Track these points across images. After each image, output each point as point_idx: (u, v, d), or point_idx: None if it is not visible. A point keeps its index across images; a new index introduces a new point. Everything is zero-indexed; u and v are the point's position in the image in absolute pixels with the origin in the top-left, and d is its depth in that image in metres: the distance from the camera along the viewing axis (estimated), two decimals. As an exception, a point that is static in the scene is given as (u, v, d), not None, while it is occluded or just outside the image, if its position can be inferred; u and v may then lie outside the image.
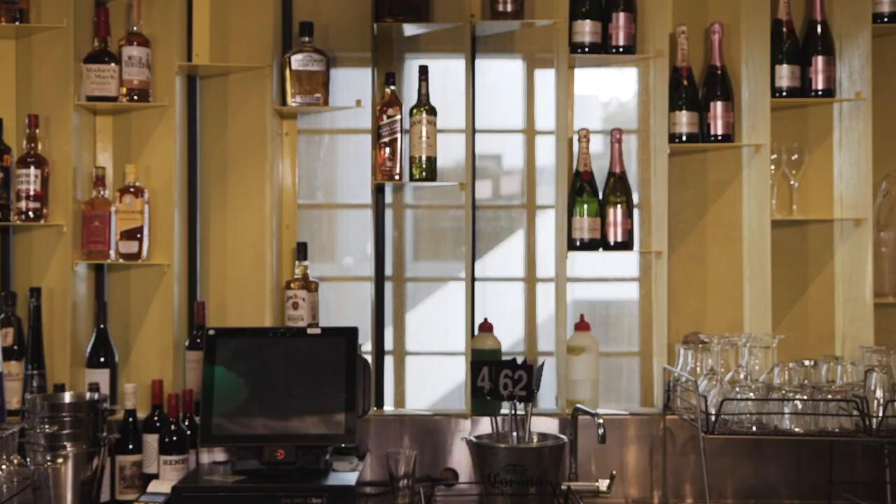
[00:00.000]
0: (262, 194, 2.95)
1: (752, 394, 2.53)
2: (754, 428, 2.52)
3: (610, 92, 3.13)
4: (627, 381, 3.15)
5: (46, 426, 2.50)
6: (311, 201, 3.11)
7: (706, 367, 2.69)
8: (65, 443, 2.50)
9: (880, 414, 2.47)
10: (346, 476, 2.60)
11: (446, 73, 3.08)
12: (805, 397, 2.50)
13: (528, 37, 3.09)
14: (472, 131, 3.01)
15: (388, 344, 3.10)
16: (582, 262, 3.10)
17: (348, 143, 3.14)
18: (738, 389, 2.55)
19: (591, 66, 3.04)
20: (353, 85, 3.03)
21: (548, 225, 3.09)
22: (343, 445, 2.69)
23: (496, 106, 3.14)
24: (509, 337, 3.13)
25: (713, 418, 2.49)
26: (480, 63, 3.10)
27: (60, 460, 2.49)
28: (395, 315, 3.12)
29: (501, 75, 3.16)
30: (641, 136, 3.08)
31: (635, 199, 3.05)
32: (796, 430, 2.50)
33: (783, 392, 2.53)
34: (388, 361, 3.09)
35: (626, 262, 3.10)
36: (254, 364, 2.68)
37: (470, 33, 2.96)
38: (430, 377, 3.18)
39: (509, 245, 3.20)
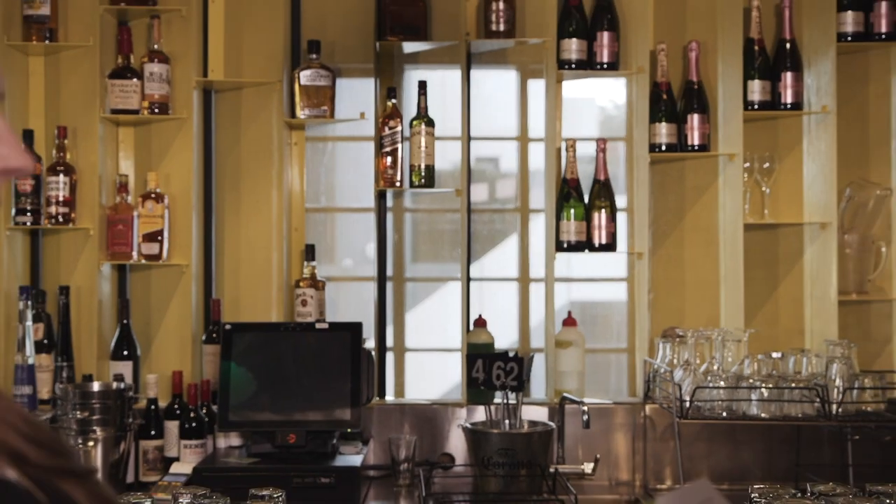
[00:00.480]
0: (272, 199, 3.18)
1: (722, 382, 2.76)
2: (724, 413, 2.76)
3: (604, 98, 3.36)
4: (616, 374, 3.37)
5: (78, 412, 2.72)
6: (317, 205, 3.34)
7: (682, 359, 2.92)
8: (94, 427, 2.73)
9: (839, 400, 2.70)
10: (351, 458, 2.83)
11: (444, 82, 3.29)
12: (771, 385, 2.73)
13: (520, 52, 3.30)
14: (467, 138, 3.22)
15: (389, 341, 3.33)
16: (577, 264, 3.32)
17: (352, 151, 3.37)
18: (710, 379, 2.78)
19: (579, 79, 3.28)
20: (358, 97, 3.24)
21: (540, 228, 3.31)
22: (349, 431, 2.91)
23: (491, 112, 3.34)
24: (504, 333, 3.33)
25: (687, 404, 2.72)
26: (476, 74, 3.32)
27: (91, 443, 2.72)
28: (396, 313, 3.34)
29: (496, 85, 3.37)
30: (628, 144, 3.31)
31: (623, 203, 3.27)
32: (763, 415, 2.73)
33: (751, 381, 2.76)
34: (389, 357, 3.32)
35: (614, 263, 3.33)
36: (266, 356, 2.91)
37: (465, 50, 3.18)
38: (427, 373, 3.40)
39: (504, 247, 3.43)
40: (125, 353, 3.05)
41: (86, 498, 0.84)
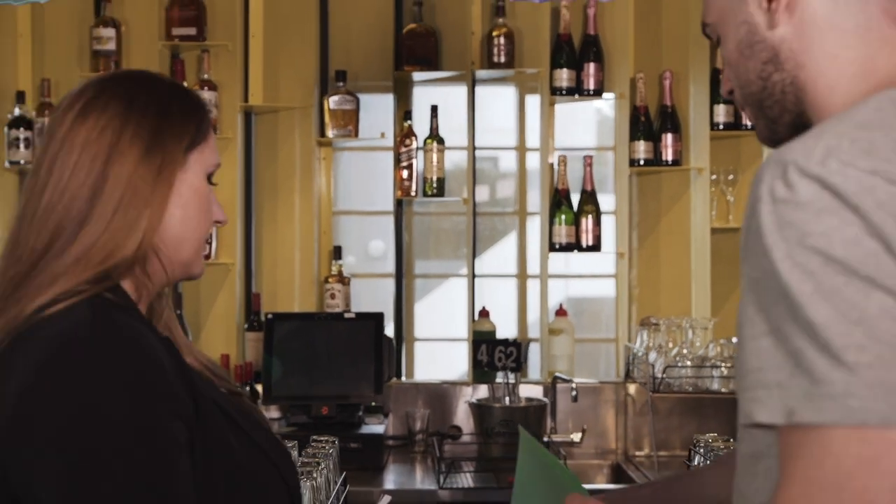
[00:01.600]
0: (304, 207, 3.68)
1: (689, 363, 3.27)
2: (691, 389, 3.26)
3: (595, 111, 3.86)
4: (605, 361, 3.87)
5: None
6: (342, 208, 3.83)
7: (656, 344, 3.42)
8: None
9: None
10: (375, 427, 3.33)
11: (455, 98, 3.71)
12: (731, 365, 3.23)
13: (518, 76, 3.80)
14: (472, 151, 3.71)
15: (404, 329, 3.83)
16: (572, 263, 3.82)
17: (373, 161, 3.86)
18: (679, 359, 3.29)
19: (569, 103, 3.77)
20: (378, 119, 3.72)
21: (536, 229, 3.79)
22: (372, 405, 3.41)
23: (493, 120, 3.83)
24: (505, 322, 3.82)
25: (658, 381, 3.23)
26: (481, 90, 3.81)
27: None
28: (406, 305, 3.84)
29: (498, 101, 3.87)
30: (615, 153, 3.78)
31: (613, 207, 3.77)
32: (723, 390, 3.23)
33: (714, 362, 3.26)
34: (404, 344, 3.82)
35: (603, 262, 3.81)
36: (302, 341, 3.41)
37: (471, 77, 3.69)
38: (438, 357, 3.88)
39: (504, 246, 3.93)
40: (180, 339, 3.55)
41: (246, 406, 1.35)
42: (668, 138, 3.61)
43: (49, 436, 1.06)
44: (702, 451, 2.14)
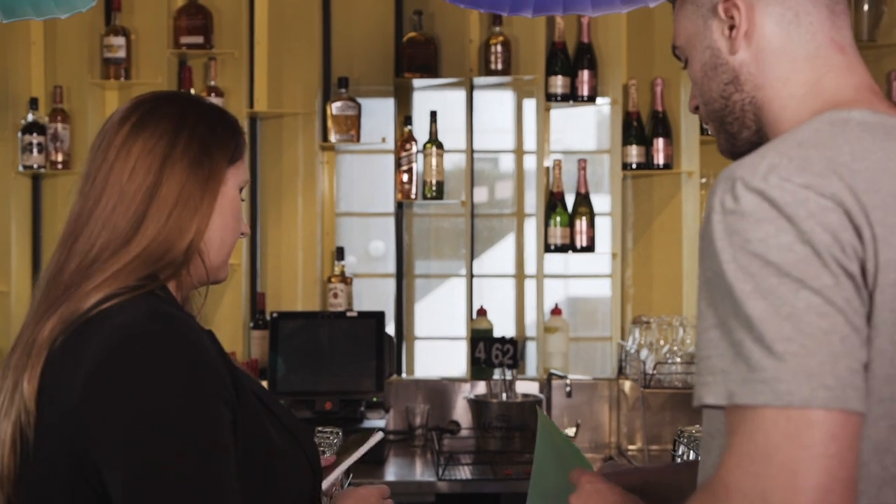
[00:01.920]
0: (308, 209, 3.80)
1: (679, 359, 3.39)
2: (680, 384, 3.38)
3: (594, 116, 3.97)
4: (601, 358, 3.99)
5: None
6: (344, 210, 3.95)
7: (648, 342, 3.55)
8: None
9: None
10: (377, 422, 3.45)
11: (454, 102, 3.83)
12: (719, 362, 3.35)
13: (515, 81, 3.92)
14: (470, 151, 3.83)
15: (404, 328, 3.95)
16: (571, 264, 3.95)
17: (372, 164, 3.98)
18: (669, 356, 3.41)
19: (563, 109, 3.89)
20: (379, 124, 3.86)
21: (533, 230, 3.90)
22: (374, 400, 3.54)
23: (492, 123, 3.94)
24: (503, 321, 3.93)
25: (649, 377, 3.35)
26: (480, 94, 3.93)
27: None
28: (407, 305, 3.96)
29: (496, 104, 3.98)
30: (611, 156, 3.90)
31: (608, 208, 3.88)
32: (711, 386, 3.35)
33: (703, 358, 3.38)
34: (405, 342, 3.94)
35: (602, 263, 3.93)
36: (306, 339, 3.53)
37: (469, 84, 3.81)
38: (433, 359, 3.99)
39: (502, 246, 4.04)
40: (187, 337, 3.67)
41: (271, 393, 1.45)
42: (660, 143, 3.73)
43: (115, 419, 1.18)
44: (685, 441, 2.26)
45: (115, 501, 1.18)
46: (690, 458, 2.22)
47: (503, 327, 3.87)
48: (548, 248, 3.74)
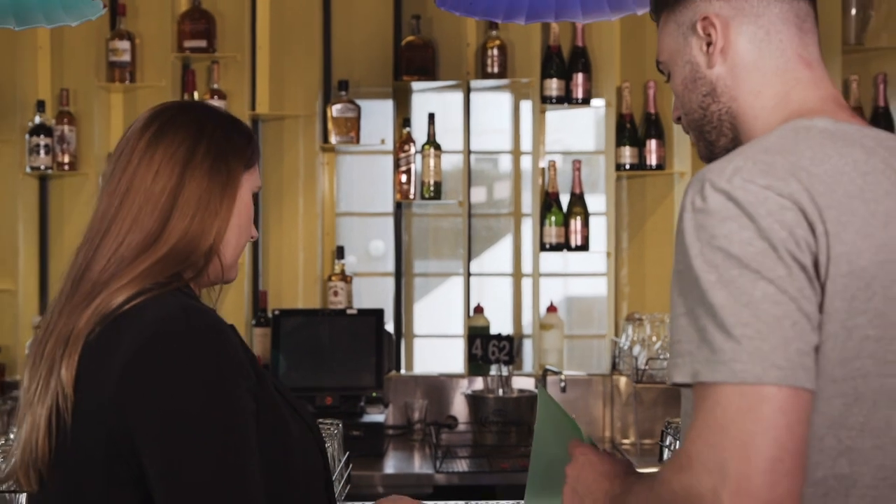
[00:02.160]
0: (309, 209, 3.89)
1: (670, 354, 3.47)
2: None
3: (589, 118, 4.06)
4: (598, 355, 4.07)
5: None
6: (344, 210, 4.04)
7: (640, 338, 3.64)
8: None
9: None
10: (376, 416, 3.54)
11: (453, 104, 3.91)
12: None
13: (512, 84, 4.01)
14: (467, 152, 3.91)
15: (403, 325, 4.04)
16: (569, 262, 4.03)
17: (372, 165, 4.07)
18: (661, 352, 3.50)
19: (558, 111, 3.98)
20: (378, 125, 3.95)
21: (529, 230, 3.99)
22: (373, 395, 3.62)
23: (490, 123, 4.02)
24: (500, 318, 4.02)
25: (641, 373, 3.44)
26: (478, 95, 4.01)
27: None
28: (406, 303, 4.05)
29: (494, 105, 4.06)
30: (606, 157, 3.99)
31: (604, 208, 3.97)
32: (702, 381, 3.44)
33: (694, 354, 3.47)
34: (403, 338, 4.03)
35: (599, 262, 4.01)
36: (307, 336, 3.62)
37: (466, 86, 3.90)
38: (432, 356, 4.08)
39: (501, 245, 4.13)
40: (191, 334, 3.76)
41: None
42: (653, 144, 3.82)
43: (151, 409, 1.27)
44: (672, 432, 2.34)
45: (151, 484, 1.27)
46: (677, 448, 2.31)
47: (501, 325, 3.95)
48: (543, 248, 3.83)
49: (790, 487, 1.05)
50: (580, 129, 4.06)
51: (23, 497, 1.69)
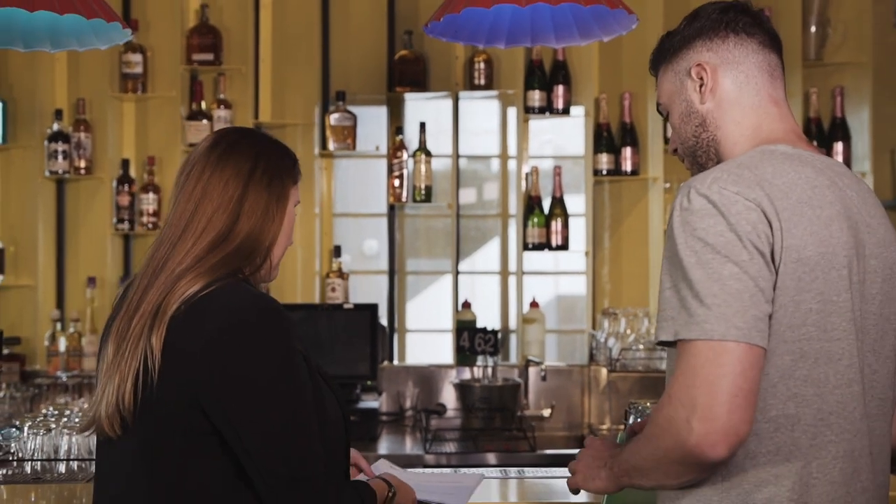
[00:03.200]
0: (308, 211, 4.17)
1: (642, 346, 3.77)
2: (641, 368, 3.77)
3: (570, 126, 4.34)
4: (580, 348, 4.36)
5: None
6: (341, 211, 4.33)
7: (615, 331, 3.93)
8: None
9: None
10: (371, 403, 3.83)
11: (443, 110, 4.19)
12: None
13: (498, 94, 4.30)
14: (456, 157, 4.20)
15: (396, 319, 4.32)
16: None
17: (367, 169, 4.35)
18: (633, 344, 3.80)
19: (540, 120, 4.27)
20: (373, 133, 4.22)
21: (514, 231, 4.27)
22: (368, 383, 3.91)
23: (479, 127, 4.30)
24: (488, 313, 4.28)
25: (615, 362, 3.74)
26: (468, 103, 4.28)
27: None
28: (399, 299, 4.34)
29: (483, 112, 4.34)
30: (586, 162, 4.28)
31: (583, 209, 4.26)
32: (671, 370, 3.74)
33: (664, 346, 3.77)
34: (396, 331, 4.32)
35: (576, 260, 4.30)
36: (307, 328, 3.90)
37: (455, 97, 4.19)
38: (423, 348, 4.36)
39: (490, 245, 4.41)
40: (199, 327, 4.04)
41: None
42: (628, 151, 4.12)
43: (231, 377, 1.57)
44: (634, 412, 2.63)
45: (228, 436, 1.58)
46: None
47: (490, 319, 4.23)
48: (526, 247, 4.12)
49: (743, 416, 1.38)
50: (561, 137, 4.35)
51: (92, 466, 1.99)
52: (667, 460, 1.44)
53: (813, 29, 4.06)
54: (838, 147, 4.07)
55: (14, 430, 2.31)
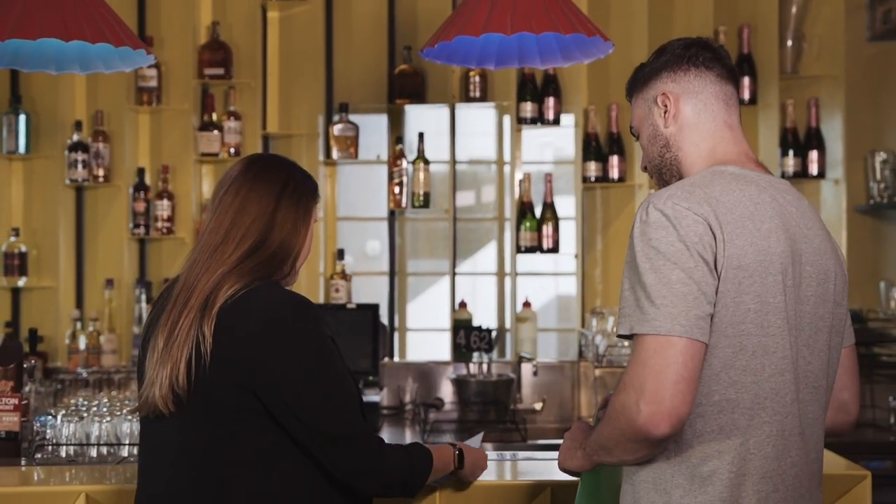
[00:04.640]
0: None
1: (626, 343, 4.01)
2: (626, 364, 4.00)
3: (560, 135, 4.58)
4: (573, 345, 4.59)
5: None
6: (344, 215, 4.57)
7: (602, 329, 4.17)
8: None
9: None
10: (372, 397, 4.06)
11: (442, 119, 4.43)
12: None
13: (493, 105, 4.54)
14: (453, 163, 4.44)
15: (397, 318, 4.56)
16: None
17: (368, 176, 4.58)
18: (618, 341, 4.04)
19: (532, 130, 4.51)
20: (374, 142, 4.47)
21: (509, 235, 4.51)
22: (370, 378, 4.16)
23: (477, 132, 4.53)
24: (485, 313, 4.52)
25: (602, 358, 3.98)
26: (466, 111, 4.51)
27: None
28: (399, 300, 4.58)
29: (480, 119, 4.59)
30: (575, 167, 4.52)
31: (573, 213, 4.49)
32: (654, 365, 3.98)
33: (648, 343, 4.00)
34: (397, 330, 4.56)
35: (566, 262, 4.55)
36: (312, 327, 4.14)
37: (452, 108, 4.43)
38: (422, 345, 4.60)
39: (488, 247, 4.65)
40: (210, 326, 4.29)
41: None
42: (615, 159, 4.35)
43: (278, 362, 1.82)
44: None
45: (278, 412, 1.84)
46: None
47: (485, 319, 4.47)
48: (519, 250, 4.36)
49: (684, 399, 1.61)
50: (552, 146, 4.60)
51: (121, 450, 2.26)
52: (623, 438, 1.68)
53: (789, 43, 4.29)
54: (813, 155, 4.31)
55: (50, 417, 2.56)
